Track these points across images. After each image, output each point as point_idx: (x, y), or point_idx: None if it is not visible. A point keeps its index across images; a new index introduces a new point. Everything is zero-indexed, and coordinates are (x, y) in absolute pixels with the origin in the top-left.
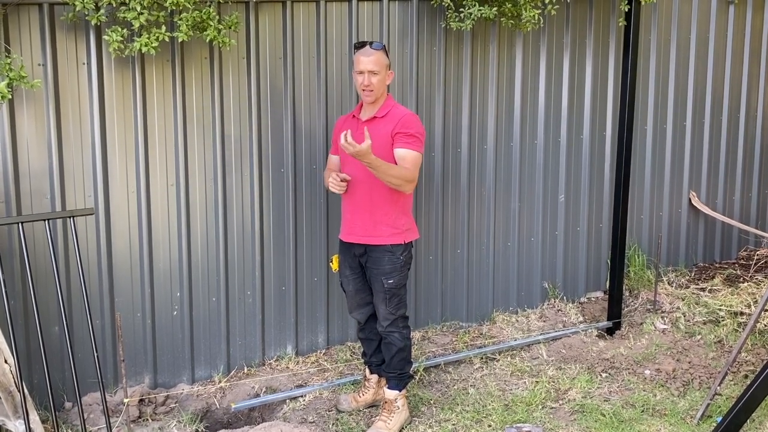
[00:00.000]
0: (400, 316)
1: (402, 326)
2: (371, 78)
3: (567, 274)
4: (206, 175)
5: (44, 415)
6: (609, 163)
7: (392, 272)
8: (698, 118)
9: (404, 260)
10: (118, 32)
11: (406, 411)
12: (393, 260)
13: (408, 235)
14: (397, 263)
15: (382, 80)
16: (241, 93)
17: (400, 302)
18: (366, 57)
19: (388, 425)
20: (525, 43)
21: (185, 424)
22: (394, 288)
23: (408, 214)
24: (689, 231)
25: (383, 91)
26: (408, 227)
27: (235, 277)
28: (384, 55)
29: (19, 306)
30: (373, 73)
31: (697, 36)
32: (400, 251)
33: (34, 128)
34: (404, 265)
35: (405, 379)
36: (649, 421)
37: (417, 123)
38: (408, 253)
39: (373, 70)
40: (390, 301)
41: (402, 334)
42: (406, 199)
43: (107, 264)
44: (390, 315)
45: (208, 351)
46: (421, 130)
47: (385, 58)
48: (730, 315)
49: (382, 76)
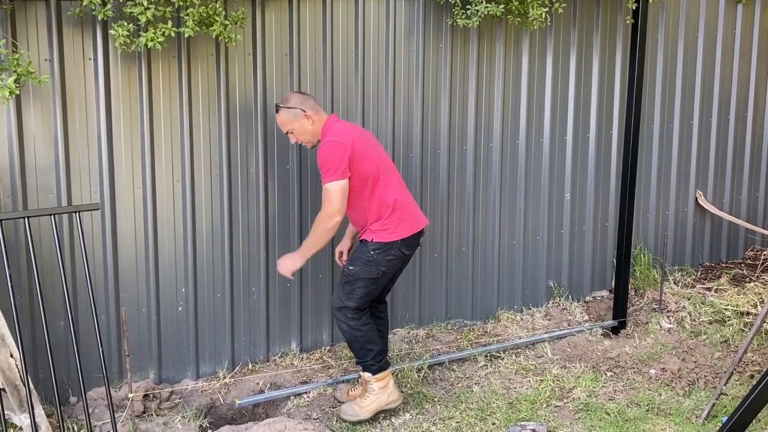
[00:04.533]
0: (348, 307)
1: (350, 317)
2: (290, 137)
3: (572, 273)
4: (212, 171)
5: (49, 409)
6: (615, 161)
7: (356, 260)
8: (705, 116)
9: (374, 256)
10: (124, 27)
11: (387, 396)
12: (363, 250)
13: (378, 236)
14: (365, 255)
15: (301, 131)
16: (247, 89)
17: (352, 293)
18: (278, 122)
19: (361, 405)
20: (532, 41)
21: (189, 419)
22: (350, 274)
23: (380, 218)
24: (695, 230)
25: (315, 131)
26: (378, 229)
27: (240, 274)
28: (284, 112)
29: (24, 301)
30: (289, 133)
31: (705, 34)
32: (373, 247)
33: (41, 123)
34: (371, 261)
35: (370, 365)
36: (654, 421)
37: (325, 153)
38: (382, 252)
39: (286, 131)
40: (344, 286)
41: (348, 325)
42: (371, 207)
43: (113, 259)
44: (338, 300)
45: (213, 347)
46: (329, 159)
47: (286, 114)
48: (737, 315)
49: (297, 126)
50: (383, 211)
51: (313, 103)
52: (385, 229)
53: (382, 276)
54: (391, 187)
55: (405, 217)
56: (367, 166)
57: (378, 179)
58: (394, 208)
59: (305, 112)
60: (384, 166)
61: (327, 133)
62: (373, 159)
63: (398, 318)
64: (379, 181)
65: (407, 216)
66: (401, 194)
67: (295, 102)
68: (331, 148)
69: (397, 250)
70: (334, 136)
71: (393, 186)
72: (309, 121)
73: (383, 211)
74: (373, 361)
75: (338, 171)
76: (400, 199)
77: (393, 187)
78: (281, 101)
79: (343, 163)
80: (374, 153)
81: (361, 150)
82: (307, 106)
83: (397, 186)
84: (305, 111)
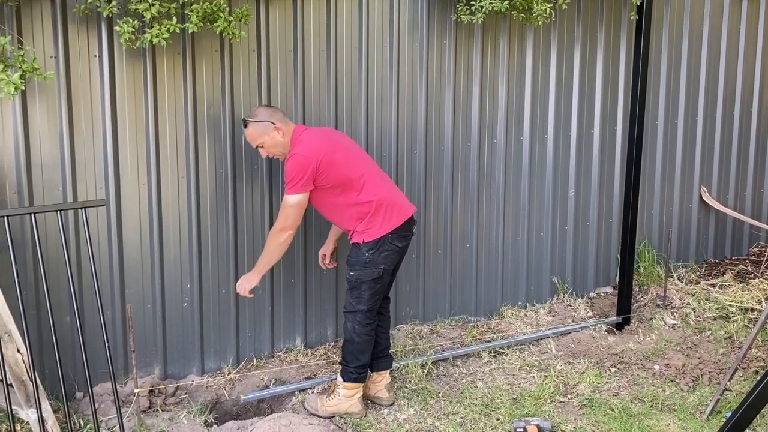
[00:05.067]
0: (360, 311)
1: (359, 321)
2: (260, 151)
3: (576, 269)
4: (217, 167)
5: (56, 404)
6: (619, 157)
7: (354, 264)
8: (710, 112)
9: (369, 257)
10: (129, 23)
11: (348, 405)
12: (357, 254)
13: (367, 236)
14: (361, 258)
15: (271, 144)
16: (251, 86)
17: (360, 297)
18: (247, 137)
19: (324, 403)
20: (536, 37)
21: (195, 414)
22: (352, 280)
23: (362, 218)
24: (700, 227)
25: (285, 143)
26: (364, 229)
27: (245, 270)
28: (253, 126)
29: (31, 296)
30: (260, 147)
31: (710, 30)
32: (366, 248)
33: (46, 120)
34: (369, 262)
35: (349, 372)
36: (657, 416)
37: (289, 166)
38: (376, 251)
39: (256, 145)
40: (351, 292)
41: (354, 328)
42: (350, 210)
43: (118, 255)
44: (350, 305)
45: (218, 342)
46: (290, 171)
47: (255, 128)
48: (741, 311)
49: (268, 140)
50: (364, 211)
51: (282, 115)
52: (371, 227)
53: (383, 274)
54: (369, 185)
55: (389, 210)
56: (337, 172)
57: (351, 182)
58: (377, 205)
59: (275, 125)
60: (357, 165)
61: (295, 144)
62: (342, 164)
63: (402, 314)
64: (352, 184)
65: (391, 209)
66: (383, 189)
67: (264, 115)
68: (294, 161)
69: (390, 244)
70: (300, 147)
71: (371, 183)
72: (279, 133)
73: (364, 211)
74: (354, 370)
75: (298, 184)
76: (382, 195)
77: (371, 185)
78: (248, 116)
79: (304, 176)
80: (343, 157)
81: (328, 159)
82: (276, 119)
83: (378, 181)
84: (275, 123)
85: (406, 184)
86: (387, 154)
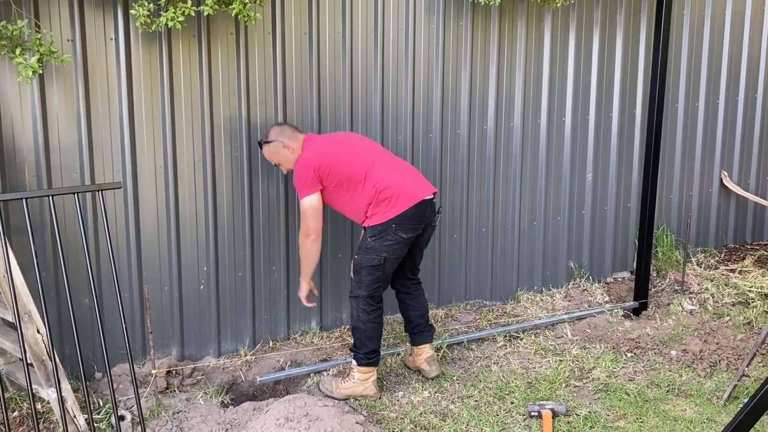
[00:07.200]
0: (360, 296)
1: (361, 307)
2: (281, 168)
3: (593, 254)
4: (232, 150)
5: (75, 384)
6: (638, 141)
7: (359, 248)
8: (732, 95)
9: (371, 243)
10: (144, 6)
11: (363, 388)
12: (363, 238)
13: (371, 220)
14: (364, 243)
15: (285, 161)
16: (266, 68)
17: (360, 282)
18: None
19: (339, 385)
20: (554, 19)
21: (211, 395)
22: (356, 263)
23: (369, 206)
24: (720, 211)
25: (295, 158)
26: (372, 214)
27: (260, 252)
28: (267, 147)
29: (50, 278)
30: (278, 164)
31: (733, 11)
32: (370, 233)
33: (64, 103)
34: (370, 248)
35: (359, 358)
36: (674, 402)
37: (295, 172)
38: (378, 239)
39: (274, 163)
40: (355, 275)
41: (359, 315)
42: (360, 203)
43: (135, 238)
44: (353, 289)
45: (235, 325)
46: (296, 176)
47: (268, 149)
48: (761, 297)
49: (281, 158)
50: (370, 200)
51: (291, 131)
52: (376, 213)
53: (385, 262)
54: (376, 175)
55: (394, 197)
56: (340, 169)
57: (356, 177)
58: (382, 191)
59: (283, 143)
60: (363, 160)
61: (302, 152)
62: (345, 161)
63: None
64: (358, 178)
65: (396, 196)
66: (391, 177)
67: (273, 135)
68: (298, 165)
69: (394, 234)
70: (303, 154)
71: (378, 172)
72: (288, 150)
73: (370, 200)
74: (364, 356)
75: (306, 186)
76: (388, 183)
77: (378, 174)
78: (263, 138)
79: (309, 177)
80: (346, 153)
81: (329, 158)
82: (285, 137)
83: (387, 170)
84: (283, 142)
85: (421, 167)
86: (402, 137)
